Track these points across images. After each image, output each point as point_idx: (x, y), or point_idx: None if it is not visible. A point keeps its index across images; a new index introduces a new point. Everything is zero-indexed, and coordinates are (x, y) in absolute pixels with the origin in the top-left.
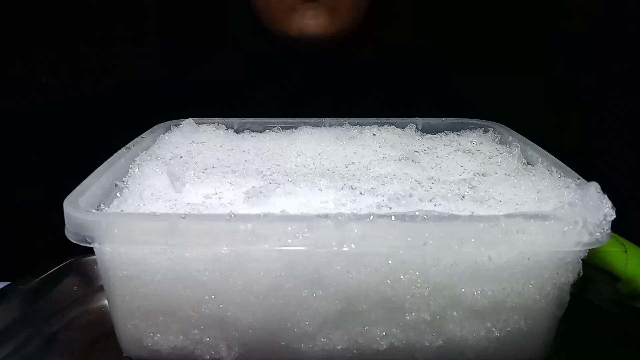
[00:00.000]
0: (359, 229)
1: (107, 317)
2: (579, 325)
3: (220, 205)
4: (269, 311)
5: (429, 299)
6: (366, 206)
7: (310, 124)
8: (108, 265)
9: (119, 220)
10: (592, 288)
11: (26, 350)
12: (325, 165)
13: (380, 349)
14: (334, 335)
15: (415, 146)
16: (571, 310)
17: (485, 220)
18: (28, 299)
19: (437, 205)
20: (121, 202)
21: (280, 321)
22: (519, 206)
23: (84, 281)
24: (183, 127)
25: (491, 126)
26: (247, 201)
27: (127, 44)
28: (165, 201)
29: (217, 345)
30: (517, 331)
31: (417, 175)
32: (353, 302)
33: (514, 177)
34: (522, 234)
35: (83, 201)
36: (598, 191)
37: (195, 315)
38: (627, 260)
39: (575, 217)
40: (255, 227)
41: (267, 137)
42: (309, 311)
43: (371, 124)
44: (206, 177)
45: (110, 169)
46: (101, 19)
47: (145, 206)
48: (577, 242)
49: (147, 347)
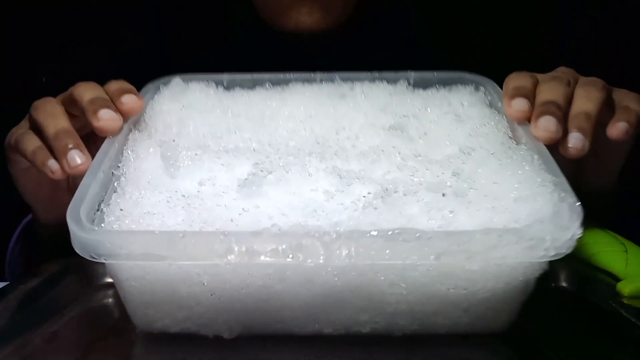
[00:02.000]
0: (345, 246)
1: (107, 317)
2: (579, 325)
3: (215, 196)
4: (261, 306)
5: (407, 295)
6: (352, 202)
7: (301, 80)
8: (116, 269)
9: (121, 239)
10: (592, 288)
11: (26, 350)
12: (316, 133)
13: (363, 330)
14: (321, 322)
15: (405, 108)
16: (571, 310)
17: (460, 238)
18: (28, 299)
19: (420, 201)
20: (120, 195)
21: (273, 312)
22: (495, 205)
23: (84, 281)
24: (172, 88)
25: (483, 84)
26: (240, 191)
27: (126, 43)
28: (161, 192)
29: (220, 329)
30: (485, 312)
31: (404, 149)
32: (339, 297)
33: (497, 159)
34: (494, 249)
35: (85, 208)
36: (570, 210)
37: (197, 307)
38: (627, 260)
39: (544, 235)
40: (248, 246)
41: (257, 96)
42: (298, 302)
43: (362, 79)
44: (199, 159)
45: (106, 158)
46: (101, 18)
47: (143, 199)
48: (543, 255)
49: (157, 327)
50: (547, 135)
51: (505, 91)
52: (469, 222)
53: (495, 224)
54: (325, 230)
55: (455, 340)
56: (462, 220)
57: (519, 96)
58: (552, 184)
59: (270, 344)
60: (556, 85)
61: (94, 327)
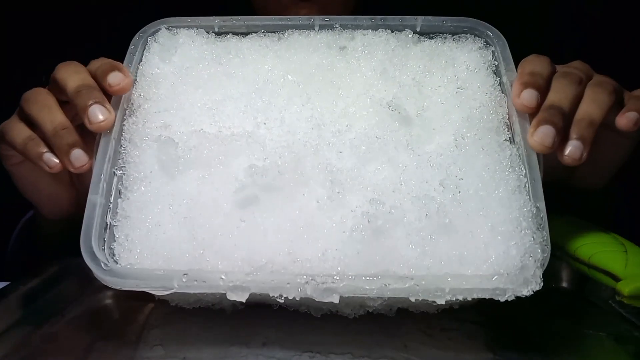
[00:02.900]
0: (332, 289)
1: (107, 317)
2: (578, 324)
3: (213, 201)
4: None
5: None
6: (341, 217)
7: (298, 27)
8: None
9: (132, 275)
10: (592, 288)
11: (26, 350)
12: (312, 102)
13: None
14: (311, 310)
15: (406, 71)
16: (571, 309)
17: (433, 282)
18: (28, 299)
19: (404, 223)
20: (124, 200)
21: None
22: (472, 231)
23: (84, 281)
24: (161, 42)
25: (493, 41)
26: (235, 196)
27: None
28: (164, 196)
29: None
30: (453, 303)
31: (398, 135)
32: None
33: (485, 161)
34: (462, 292)
35: (95, 235)
36: (535, 269)
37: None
38: (627, 260)
39: (506, 287)
40: (244, 286)
41: (251, 50)
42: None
43: (365, 27)
44: (196, 151)
45: (105, 159)
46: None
47: (147, 207)
48: (503, 297)
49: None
50: (540, 148)
51: (520, 74)
52: (445, 251)
53: (467, 261)
54: (314, 274)
55: (455, 341)
56: (440, 247)
57: (531, 87)
58: (530, 216)
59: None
60: (567, 83)
61: (94, 327)
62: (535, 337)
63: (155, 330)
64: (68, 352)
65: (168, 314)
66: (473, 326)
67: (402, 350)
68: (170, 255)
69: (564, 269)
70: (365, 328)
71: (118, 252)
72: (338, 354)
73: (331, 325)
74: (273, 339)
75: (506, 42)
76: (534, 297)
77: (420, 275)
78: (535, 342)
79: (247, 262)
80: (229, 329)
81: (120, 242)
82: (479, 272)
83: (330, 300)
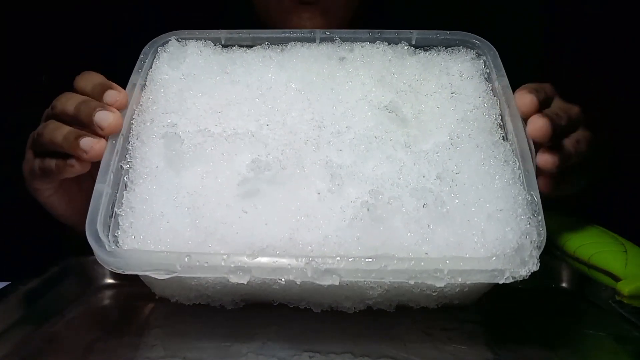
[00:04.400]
0: (332, 270)
1: (107, 317)
2: (578, 324)
3: (216, 193)
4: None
5: (387, 293)
6: (341, 207)
7: (300, 39)
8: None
9: (135, 258)
10: (592, 288)
11: (26, 350)
12: (313, 107)
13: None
14: (311, 304)
15: (403, 78)
16: (571, 309)
17: (431, 264)
18: (28, 299)
19: (402, 212)
20: (130, 191)
21: (268, 295)
22: (470, 219)
23: (84, 281)
24: (170, 52)
25: (485, 52)
26: (239, 188)
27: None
28: (168, 188)
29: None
30: (453, 296)
31: (396, 135)
32: (326, 291)
33: (481, 157)
34: (459, 275)
35: (100, 220)
36: (532, 249)
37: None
38: (627, 260)
39: (504, 268)
40: (245, 267)
41: (256, 60)
42: (291, 292)
43: (363, 39)
44: (200, 147)
45: (113, 154)
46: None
47: (152, 198)
48: (503, 280)
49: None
50: (539, 134)
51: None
52: (443, 238)
53: (465, 246)
54: (315, 256)
55: (455, 340)
56: (438, 234)
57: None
58: (524, 204)
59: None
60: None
61: (94, 327)
62: (536, 337)
63: (155, 330)
64: (68, 352)
65: (168, 314)
66: (473, 326)
67: (402, 350)
68: (172, 242)
69: (564, 269)
70: (365, 328)
71: (122, 239)
72: (338, 353)
73: (331, 325)
74: (273, 338)
75: (497, 52)
76: (534, 297)
77: (419, 258)
78: (535, 342)
79: (249, 247)
80: (229, 328)
81: (124, 229)
82: (477, 255)
83: (331, 282)
